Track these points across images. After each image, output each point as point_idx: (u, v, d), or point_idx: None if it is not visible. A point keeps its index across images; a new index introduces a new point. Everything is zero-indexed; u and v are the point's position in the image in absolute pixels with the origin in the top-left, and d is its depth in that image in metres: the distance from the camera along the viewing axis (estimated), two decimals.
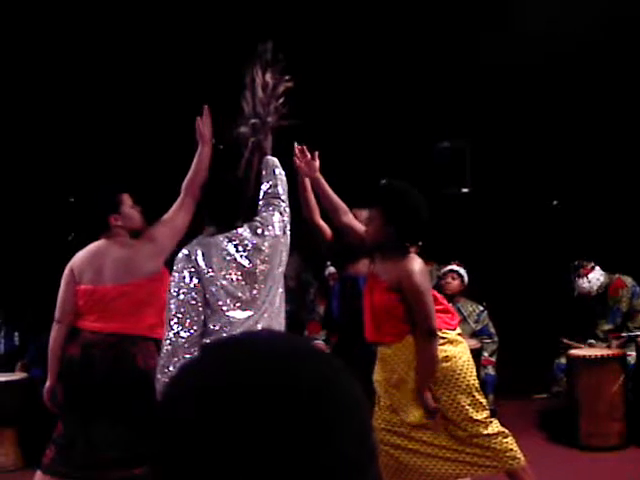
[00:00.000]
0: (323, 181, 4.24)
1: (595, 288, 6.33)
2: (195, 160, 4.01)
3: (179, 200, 4.12)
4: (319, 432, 0.79)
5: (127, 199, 4.27)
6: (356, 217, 4.42)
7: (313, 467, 0.78)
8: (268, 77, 3.93)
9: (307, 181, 4.29)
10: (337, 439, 0.81)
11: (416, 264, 3.91)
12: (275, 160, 3.89)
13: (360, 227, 4.25)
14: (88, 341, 4.07)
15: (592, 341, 6.43)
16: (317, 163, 4.23)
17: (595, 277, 6.33)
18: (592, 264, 6.35)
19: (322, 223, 4.51)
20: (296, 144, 4.22)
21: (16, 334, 6.54)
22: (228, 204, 3.61)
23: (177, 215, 4.12)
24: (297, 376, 0.82)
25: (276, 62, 3.95)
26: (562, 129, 7.85)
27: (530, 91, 7.70)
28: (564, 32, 6.82)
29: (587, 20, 6.78)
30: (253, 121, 3.90)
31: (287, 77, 3.98)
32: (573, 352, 6.20)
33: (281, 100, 3.95)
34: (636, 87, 7.36)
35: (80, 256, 4.24)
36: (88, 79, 7.21)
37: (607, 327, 6.42)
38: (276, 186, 3.78)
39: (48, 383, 4.26)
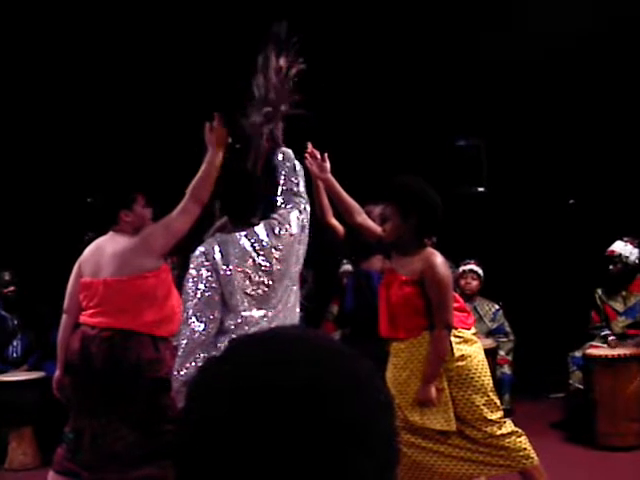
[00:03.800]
0: (335, 182, 4.23)
1: (626, 255, 6.27)
2: (203, 165, 3.99)
3: (182, 203, 4.09)
4: (350, 431, 0.80)
5: (141, 199, 4.32)
6: (370, 213, 4.43)
7: (345, 465, 0.79)
8: (282, 61, 3.88)
9: (319, 182, 4.29)
10: (367, 438, 0.81)
11: (438, 257, 3.96)
12: (290, 153, 3.86)
13: (375, 226, 4.25)
14: (86, 336, 4.12)
15: (607, 332, 6.38)
16: (327, 164, 4.22)
17: (637, 250, 6.29)
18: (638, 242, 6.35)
19: (334, 222, 4.52)
20: (310, 145, 4.21)
21: (32, 335, 6.59)
22: (242, 196, 3.60)
23: (177, 218, 4.10)
24: (329, 374, 0.82)
25: (290, 45, 3.88)
26: (578, 127, 7.81)
27: (546, 89, 7.66)
28: (581, 29, 6.78)
29: (609, 17, 6.75)
30: (267, 109, 3.86)
31: (300, 59, 3.90)
32: (590, 351, 6.18)
33: (293, 82, 3.89)
34: None
35: (87, 250, 4.32)
36: (108, 83, 7.25)
37: (626, 322, 6.38)
38: (298, 184, 3.75)
39: (57, 373, 4.32)
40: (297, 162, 3.83)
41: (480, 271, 6.75)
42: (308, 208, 3.74)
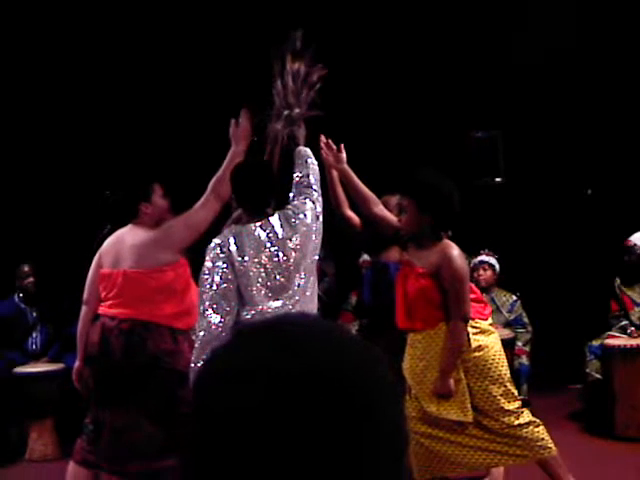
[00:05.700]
0: (351, 172, 4.24)
1: None
2: (225, 160, 4.01)
3: (203, 197, 4.10)
4: (363, 418, 0.80)
5: (158, 189, 4.34)
6: (387, 204, 4.43)
7: (357, 452, 0.79)
8: (299, 66, 3.91)
9: (335, 173, 4.29)
10: (378, 425, 0.81)
11: (455, 249, 3.96)
12: (307, 150, 3.89)
13: (392, 217, 4.25)
14: (106, 327, 4.14)
15: (626, 322, 6.34)
16: (344, 155, 4.22)
17: None
18: None
19: (351, 214, 4.52)
20: (323, 137, 4.21)
21: (51, 328, 6.62)
22: (256, 187, 3.61)
23: (198, 212, 4.10)
24: (340, 361, 0.83)
25: (306, 50, 3.91)
26: (596, 117, 7.76)
27: (563, 80, 7.62)
28: (597, 23, 6.73)
29: (623, 12, 6.70)
30: (286, 113, 3.89)
31: (320, 65, 3.94)
32: (609, 341, 6.14)
33: (315, 88, 3.92)
34: None
35: (107, 241, 4.34)
36: (126, 78, 7.28)
37: None
38: (308, 175, 3.78)
39: (77, 365, 4.35)
40: (310, 157, 3.85)
41: (493, 261, 6.70)
42: (320, 199, 3.76)
